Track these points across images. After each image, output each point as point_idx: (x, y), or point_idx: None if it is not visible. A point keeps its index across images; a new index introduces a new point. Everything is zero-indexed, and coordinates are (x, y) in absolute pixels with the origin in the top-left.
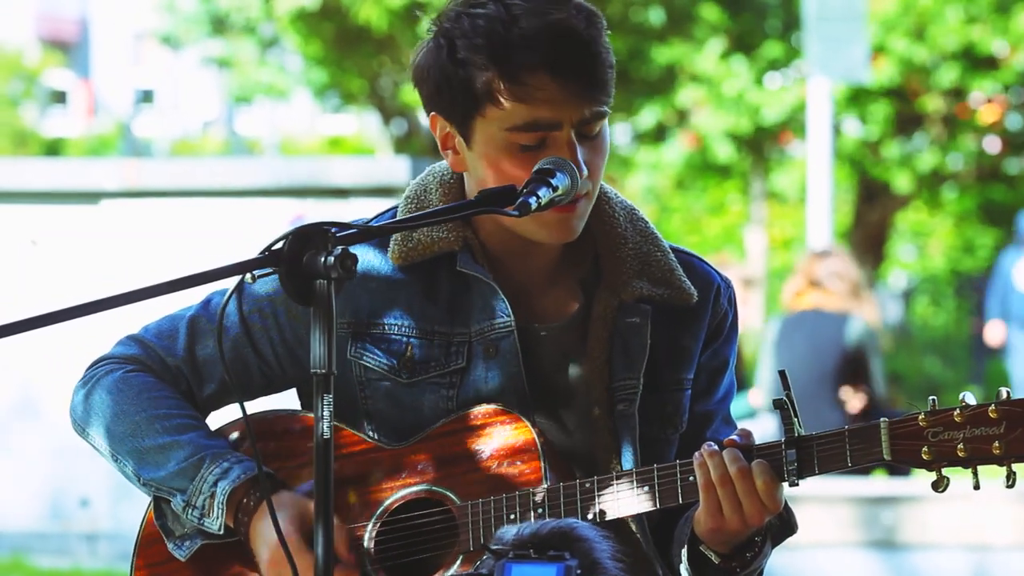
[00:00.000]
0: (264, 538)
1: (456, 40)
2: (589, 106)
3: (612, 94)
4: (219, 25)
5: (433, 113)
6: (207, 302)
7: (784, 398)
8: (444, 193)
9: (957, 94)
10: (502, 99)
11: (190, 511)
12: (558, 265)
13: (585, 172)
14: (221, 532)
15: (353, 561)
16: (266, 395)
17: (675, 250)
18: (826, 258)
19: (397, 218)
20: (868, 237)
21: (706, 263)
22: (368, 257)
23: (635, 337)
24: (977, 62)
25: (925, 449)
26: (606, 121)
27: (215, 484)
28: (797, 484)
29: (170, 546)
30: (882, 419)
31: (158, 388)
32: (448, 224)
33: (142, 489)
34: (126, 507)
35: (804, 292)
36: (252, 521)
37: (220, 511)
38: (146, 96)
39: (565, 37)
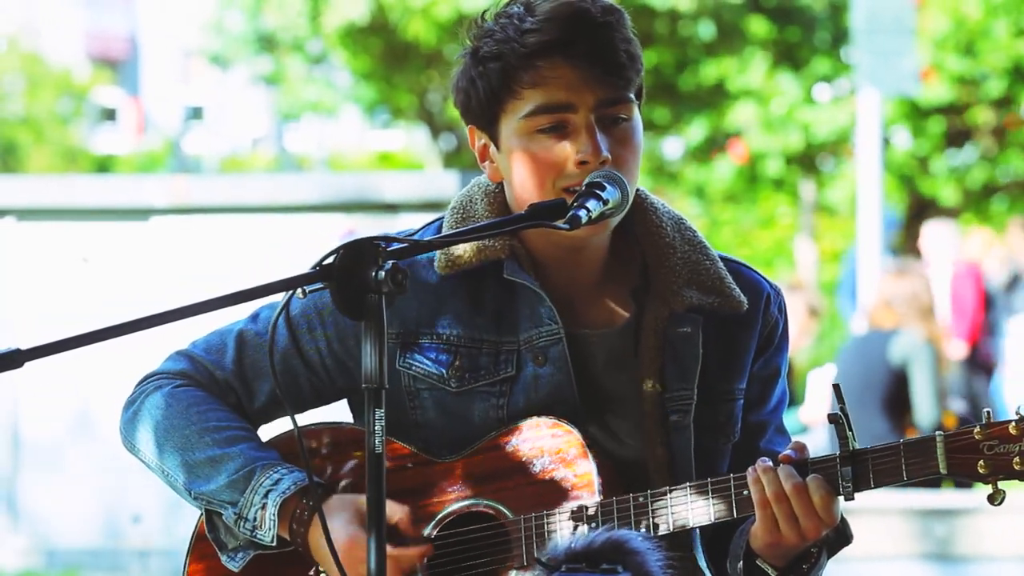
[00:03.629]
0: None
1: (480, 43)
2: (604, 89)
3: (633, 82)
4: (267, 43)
5: (469, 126)
6: (255, 316)
7: (839, 412)
8: (489, 203)
9: (1006, 105)
10: (518, 88)
11: (242, 523)
12: (606, 274)
13: (605, 155)
14: (274, 544)
15: (423, 537)
16: (316, 407)
17: (724, 259)
18: (903, 276)
19: (444, 230)
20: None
21: (755, 271)
22: (415, 268)
23: (687, 347)
24: None
25: (981, 462)
26: (635, 115)
27: (266, 496)
28: (853, 498)
29: (223, 558)
30: (937, 432)
31: (208, 401)
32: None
33: (193, 503)
34: (178, 523)
35: (880, 313)
36: (309, 531)
37: (272, 523)
38: (195, 113)
39: (577, 20)
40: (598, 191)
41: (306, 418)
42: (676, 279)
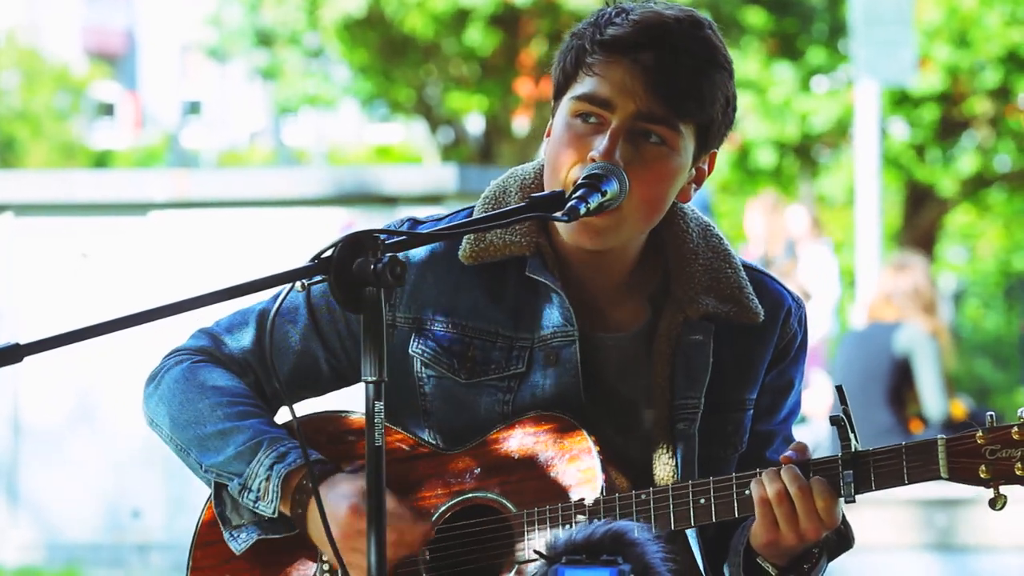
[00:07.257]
0: (332, 515)
1: (579, 24)
2: (649, 104)
3: (690, 113)
4: (265, 37)
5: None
6: (277, 297)
7: (841, 414)
8: (522, 194)
9: (1003, 95)
10: (582, 71)
11: (246, 494)
12: (628, 278)
13: (617, 161)
14: (275, 516)
15: (430, 526)
16: (338, 388)
17: (748, 268)
18: (903, 271)
19: (473, 218)
20: (917, 240)
21: (778, 282)
22: (438, 253)
23: (698, 355)
24: (1022, 64)
25: (983, 467)
26: (678, 146)
27: (271, 467)
28: (854, 500)
29: (226, 535)
30: (939, 436)
31: (225, 378)
32: (522, 228)
33: (203, 477)
34: (178, 518)
35: (880, 307)
36: (310, 505)
37: (275, 494)
38: (193, 108)
39: (655, 31)
40: (598, 183)
41: (327, 402)
42: (695, 286)
